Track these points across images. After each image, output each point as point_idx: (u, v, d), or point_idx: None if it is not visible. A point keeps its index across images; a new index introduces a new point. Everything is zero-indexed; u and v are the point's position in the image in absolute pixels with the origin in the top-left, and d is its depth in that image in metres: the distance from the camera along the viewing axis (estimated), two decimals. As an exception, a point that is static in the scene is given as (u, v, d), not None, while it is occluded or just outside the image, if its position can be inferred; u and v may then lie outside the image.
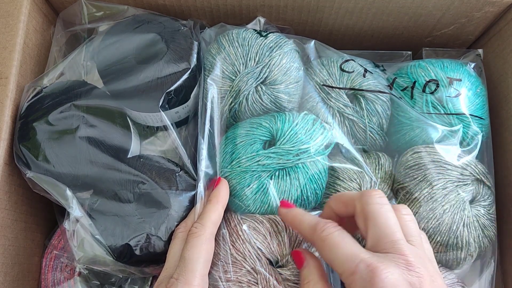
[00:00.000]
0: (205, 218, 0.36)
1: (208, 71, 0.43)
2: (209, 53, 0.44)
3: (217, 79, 0.42)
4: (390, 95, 0.44)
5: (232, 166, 0.39)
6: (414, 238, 0.30)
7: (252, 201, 0.39)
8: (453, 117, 0.42)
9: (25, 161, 0.40)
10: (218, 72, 0.42)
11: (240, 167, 0.39)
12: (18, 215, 0.43)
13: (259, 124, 0.41)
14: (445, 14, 0.49)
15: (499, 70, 0.49)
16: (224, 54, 0.43)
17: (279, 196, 0.39)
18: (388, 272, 0.26)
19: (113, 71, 0.42)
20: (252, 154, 0.39)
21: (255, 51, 0.42)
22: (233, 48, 0.43)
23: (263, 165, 0.38)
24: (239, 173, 0.39)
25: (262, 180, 0.39)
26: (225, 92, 0.42)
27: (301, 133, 0.40)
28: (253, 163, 0.39)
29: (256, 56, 0.42)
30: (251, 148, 0.40)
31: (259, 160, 0.39)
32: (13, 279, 0.43)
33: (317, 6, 0.48)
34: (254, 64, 0.42)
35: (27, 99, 0.43)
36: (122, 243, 0.38)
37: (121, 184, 0.40)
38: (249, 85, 0.41)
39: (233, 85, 0.41)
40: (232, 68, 0.42)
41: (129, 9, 0.47)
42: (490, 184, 0.41)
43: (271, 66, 0.42)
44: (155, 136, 0.45)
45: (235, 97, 0.42)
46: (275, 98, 0.42)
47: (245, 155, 0.39)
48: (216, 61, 0.43)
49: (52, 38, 0.49)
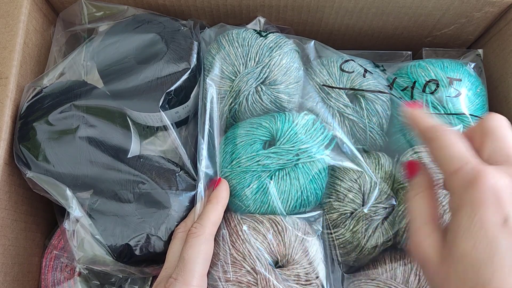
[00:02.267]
0: (205, 219, 0.36)
1: (207, 71, 0.43)
2: (209, 53, 0.44)
3: (216, 79, 0.42)
4: (390, 95, 0.44)
5: (232, 166, 0.39)
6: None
7: (252, 201, 0.39)
8: (453, 117, 0.42)
9: (25, 161, 0.40)
10: (218, 72, 0.42)
11: (240, 167, 0.39)
12: (18, 215, 0.43)
13: (259, 124, 0.41)
14: (445, 14, 0.49)
15: (499, 70, 0.49)
16: (224, 54, 0.43)
17: (279, 197, 0.39)
18: (495, 177, 0.25)
19: (113, 71, 0.42)
20: (252, 154, 0.39)
21: (255, 51, 0.42)
22: (233, 48, 0.43)
23: (263, 165, 0.38)
24: (239, 173, 0.39)
25: (262, 180, 0.39)
26: (225, 93, 0.42)
27: (301, 133, 0.40)
28: (253, 163, 0.39)
29: (256, 56, 0.42)
30: (251, 148, 0.40)
31: (259, 160, 0.39)
32: (13, 279, 0.43)
33: (317, 6, 0.48)
34: (254, 64, 0.42)
35: (27, 99, 0.43)
36: (122, 243, 0.38)
37: (121, 184, 0.40)
38: (249, 85, 0.41)
39: (233, 85, 0.41)
40: (232, 68, 0.42)
41: (129, 9, 0.47)
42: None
43: (271, 66, 0.42)
44: (155, 136, 0.45)
45: (235, 97, 0.42)
46: (275, 98, 0.42)
47: (245, 155, 0.39)
48: (215, 61, 0.43)
49: (52, 38, 0.49)
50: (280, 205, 0.39)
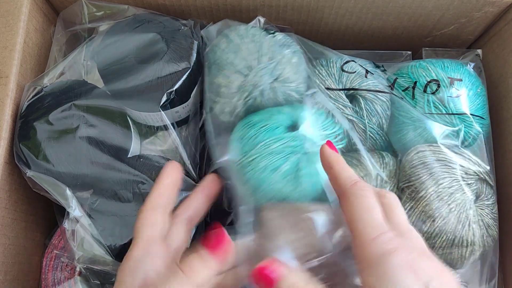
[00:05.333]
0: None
1: (215, 65, 0.42)
2: (216, 47, 0.43)
3: (226, 74, 0.41)
4: (391, 95, 0.44)
5: (258, 150, 0.38)
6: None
7: (284, 184, 0.37)
8: (455, 117, 0.42)
9: (25, 160, 0.40)
10: (228, 67, 0.41)
11: (267, 148, 0.37)
12: (18, 214, 0.43)
13: (278, 111, 0.40)
14: (445, 14, 0.49)
15: (499, 70, 0.49)
16: (235, 49, 0.42)
17: (309, 180, 0.37)
18: (410, 250, 0.26)
19: (113, 71, 0.42)
20: (279, 135, 0.38)
21: (267, 47, 0.41)
22: (244, 43, 0.42)
23: (292, 147, 0.37)
24: (266, 155, 0.37)
25: (293, 161, 0.37)
26: (237, 88, 0.41)
27: (321, 119, 0.40)
28: (281, 145, 0.38)
29: (268, 52, 0.41)
30: (275, 131, 0.38)
31: (286, 142, 0.37)
32: (13, 278, 0.43)
33: (317, 6, 0.48)
34: (268, 60, 0.41)
35: (27, 98, 0.43)
36: (121, 243, 0.38)
37: (121, 184, 0.40)
38: (264, 80, 0.40)
39: (248, 80, 0.40)
40: (245, 63, 0.41)
41: (130, 9, 0.47)
42: (493, 184, 0.41)
43: (283, 64, 0.41)
44: (155, 135, 0.45)
45: (250, 91, 0.40)
46: (287, 96, 0.41)
47: (272, 137, 0.38)
48: (226, 55, 0.42)
49: (52, 37, 0.49)
50: (312, 187, 0.38)
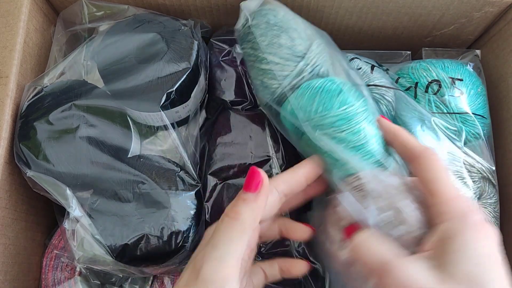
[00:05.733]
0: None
1: (277, 27, 0.39)
2: (275, 11, 0.40)
3: (292, 36, 0.39)
4: (396, 91, 0.43)
5: (359, 106, 0.35)
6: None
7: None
8: (456, 116, 0.42)
9: (25, 160, 0.40)
10: (292, 31, 0.39)
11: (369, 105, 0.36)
12: (19, 214, 0.43)
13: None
14: (445, 14, 0.49)
15: (499, 70, 0.49)
16: (296, 19, 0.40)
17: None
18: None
19: (113, 71, 0.42)
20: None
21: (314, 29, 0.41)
22: (298, 23, 0.40)
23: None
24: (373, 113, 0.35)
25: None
26: (302, 53, 0.39)
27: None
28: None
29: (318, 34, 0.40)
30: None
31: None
32: (14, 278, 0.43)
33: (317, 6, 0.48)
34: (317, 45, 0.39)
35: (27, 98, 0.43)
36: (121, 243, 0.38)
37: (121, 184, 0.40)
38: (324, 60, 0.39)
39: (312, 49, 0.39)
40: (305, 35, 0.39)
41: (130, 9, 0.47)
42: (495, 183, 0.41)
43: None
44: (156, 135, 0.45)
45: (309, 71, 0.38)
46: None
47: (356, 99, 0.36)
48: (290, 20, 0.40)
49: (52, 37, 0.49)
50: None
